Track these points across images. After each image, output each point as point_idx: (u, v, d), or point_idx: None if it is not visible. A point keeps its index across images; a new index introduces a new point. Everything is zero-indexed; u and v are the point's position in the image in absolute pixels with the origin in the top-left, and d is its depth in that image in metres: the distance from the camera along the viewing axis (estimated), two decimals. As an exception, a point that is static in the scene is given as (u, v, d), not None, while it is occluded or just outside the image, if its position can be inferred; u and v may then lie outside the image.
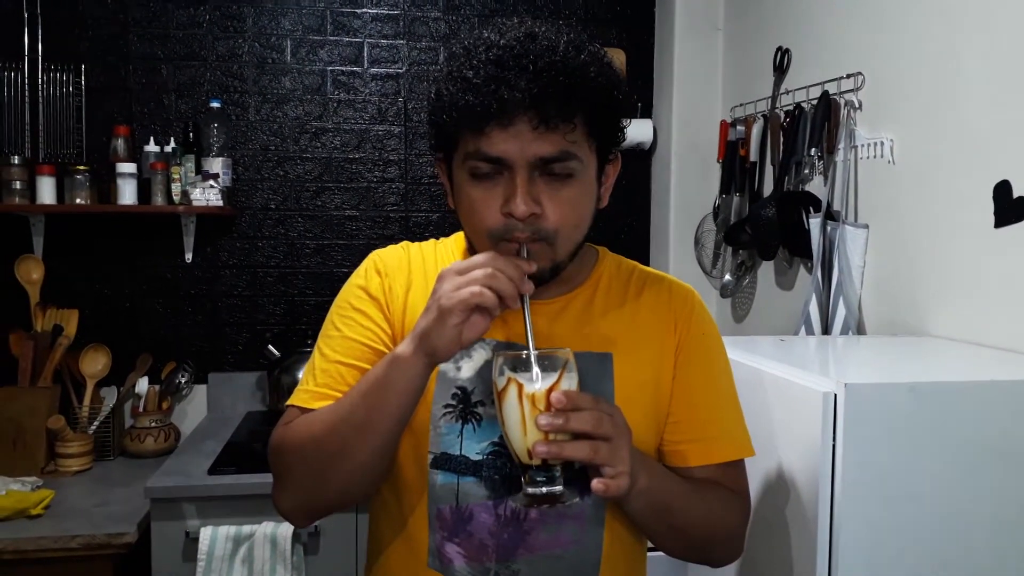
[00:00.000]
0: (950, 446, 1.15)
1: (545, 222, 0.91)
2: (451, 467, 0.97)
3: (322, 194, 2.65)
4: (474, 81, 0.88)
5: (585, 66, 0.89)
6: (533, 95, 0.86)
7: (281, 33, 2.59)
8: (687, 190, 2.63)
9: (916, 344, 1.56)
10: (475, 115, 0.88)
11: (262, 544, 1.94)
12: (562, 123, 0.88)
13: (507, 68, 0.87)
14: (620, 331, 1.03)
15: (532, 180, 0.90)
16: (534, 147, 0.88)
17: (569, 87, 0.87)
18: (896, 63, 1.75)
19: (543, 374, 0.84)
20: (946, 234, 1.60)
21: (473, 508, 0.97)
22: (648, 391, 1.02)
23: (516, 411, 0.83)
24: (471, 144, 0.90)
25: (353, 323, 1.02)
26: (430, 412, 0.98)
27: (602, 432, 0.81)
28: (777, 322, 2.24)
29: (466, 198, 0.94)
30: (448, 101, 0.91)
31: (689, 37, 2.62)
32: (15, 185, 2.35)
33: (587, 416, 0.81)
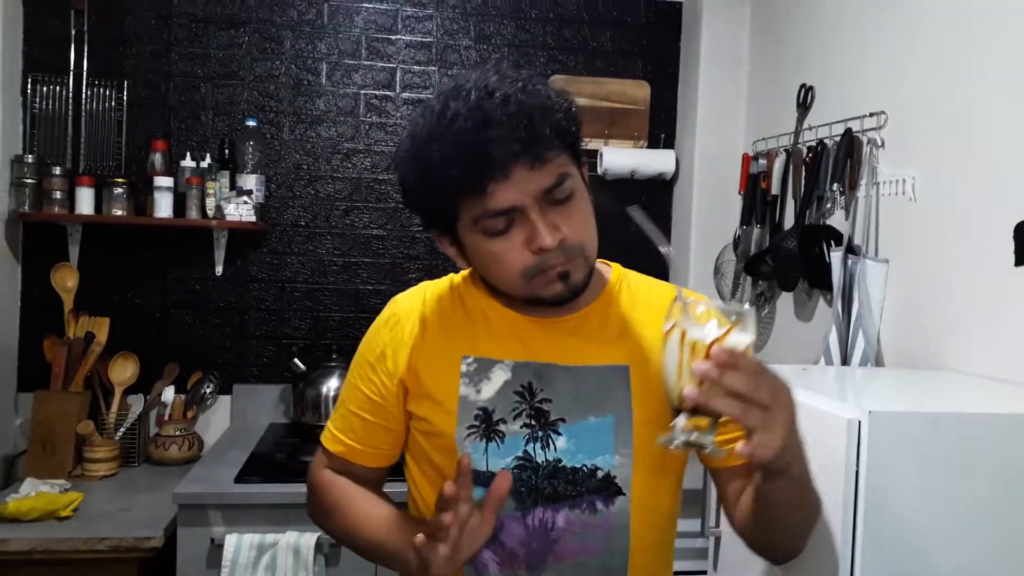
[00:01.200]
0: (971, 475, 1.18)
1: (570, 241, 0.97)
2: (480, 482, 1.01)
3: (351, 213, 2.72)
4: (459, 156, 0.91)
5: (541, 96, 0.95)
6: (522, 141, 0.91)
7: (317, 56, 2.67)
8: (708, 220, 2.68)
9: (936, 377, 1.59)
10: (474, 180, 0.92)
11: (285, 553, 1.98)
12: (549, 154, 0.94)
13: (486, 129, 0.90)
14: (637, 344, 1.07)
15: (544, 212, 0.95)
16: (536, 183, 0.94)
17: (545, 119, 0.93)
18: (919, 102, 1.80)
19: (710, 325, 0.82)
20: (966, 271, 1.64)
21: (503, 519, 1.01)
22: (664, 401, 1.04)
23: (675, 354, 0.83)
24: (475, 208, 0.94)
25: (364, 376, 1.12)
26: (454, 435, 1.03)
27: (757, 397, 0.79)
28: (796, 352, 2.27)
29: (487, 254, 0.99)
30: (437, 180, 0.94)
31: (713, 71, 2.68)
32: (55, 195, 2.42)
33: (741, 377, 0.79)
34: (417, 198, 1.00)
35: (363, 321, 2.70)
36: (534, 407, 1.04)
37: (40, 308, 2.51)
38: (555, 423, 1.03)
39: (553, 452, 1.03)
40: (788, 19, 2.42)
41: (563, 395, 1.04)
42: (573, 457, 1.03)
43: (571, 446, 1.03)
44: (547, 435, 1.03)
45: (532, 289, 1.00)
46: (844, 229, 1.98)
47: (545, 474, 1.02)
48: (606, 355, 1.06)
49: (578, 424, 1.03)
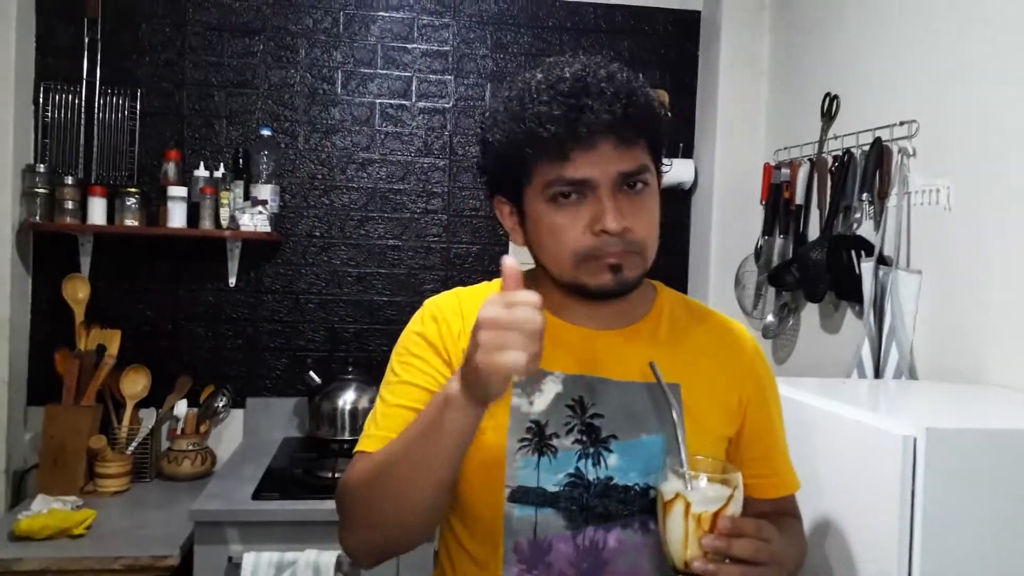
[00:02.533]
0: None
1: (634, 235, 0.96)
2: (529, 500, 0.98)
3: (366, 223, 2.68)
4: (552, 112, 0.92)
5: (643, 89, 0.97)
6: (613, 116, 0.92)
7: (333, 65, 2.64)
8: (728, 231, 2.65)
9: (979, 391, 1.56)
10: (559, 143, 0.92)
11: (304, 571, 1.93)
12: (637, 139, 0.95)
13: (584, 96, 0.92)
14: (688, 362, 1.06)
15: (616, 198, 0.95)
16: (616, 164, 0.94)
17: (637, 108, 0.94)
18: (952, 110, 1.77)
19: (712, 497, 0.88)
20: (1004, 281, 1.60)
21: (552, 540, 0.98)
22: (716, 421, 1.06)
23: (680, 526, 0.88)
24: (551, 172, 0.94)
25: (412, 368, 1.04)
26: (505, 447, 0.99)
27: (759, 559, 0.87)
28: (822, 364, 2.24)
29: (547, 225, 0.98)
30: (524, 136, 0.94)
31: (733, 80, 2.65)
32: (67, 205, 2.38)
33: (748, 545, 0.86)
34: (495, 156, 1.00)
35: (378, 333, 2.66)
36: (585, 422, 1.00)
37: (50, 320, 2.47)
38: (607, 440, 1.00)
39: (604, 470, 0.99)
40: (811, 28, 2.40)
41: (614, 411, 1.01)
42: (625, 475, 0.99)
43: (623, 464, 0.99)
44: (599, 452, 0.99)
45: (578, 274, 0.98)
46: (873, 239, 1.95)
47: (596, 492, 0.99)
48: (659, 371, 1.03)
49: (631, 441, 1.00)
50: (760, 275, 2.49)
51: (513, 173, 0.99)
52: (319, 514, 1.98)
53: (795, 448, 1.39)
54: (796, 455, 1.15)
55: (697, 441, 1.01)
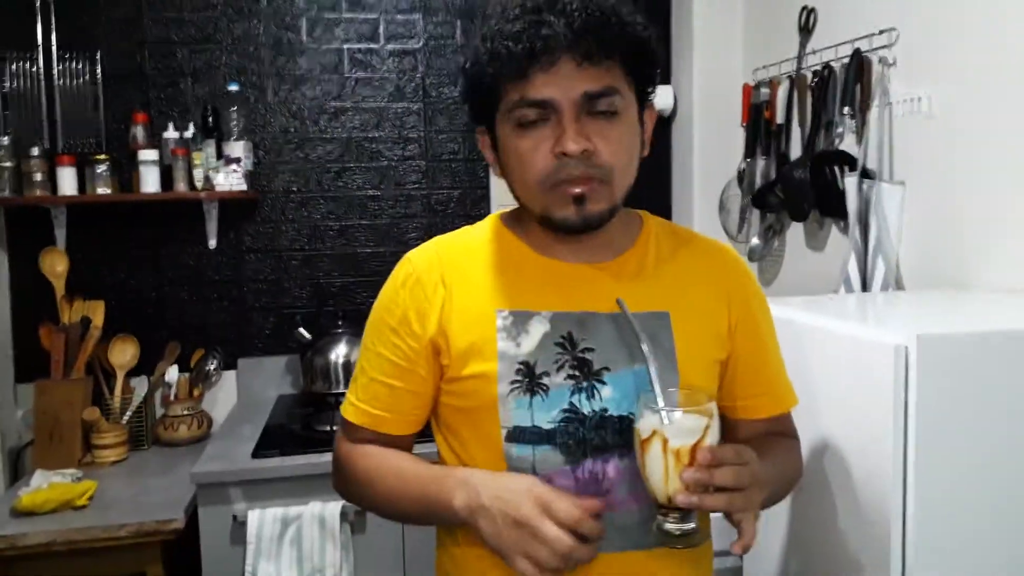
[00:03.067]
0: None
1: (598, 159, 0.93)
2: (525, 439, 0.98)
3: (343, 175, 2.64)
4: (512, 30, 0.89)
5: (617, 6, 0.92)
6: (574, 30, 0.88)
7: (296, 12, 2.56)
8: (710, 155, 2.62)
9: (966, 296, 1.56)
10: (517, 61, 0.89)
11: (310, 524, 1.95)
12: (604, 58, 0.91)
13: (544, 11, 0.89)
14: (675, 289, 1.05)
15: (580, 120, 0.92)
16: (579, 84, 0.90)
17: (607, 23, 0.90)
18: (932, 16, 1.73)
19: (688, 430, 0.87)
20: (988, 187, 1.59)
21: (552, 475, 0.98)
22: (707, 346, 1.05)
23: (660, 462, 0.87)
24: (514, 93, 0.92)
25: (385, 340, 1.05)
26: (497, 390, 0.98)
27: (740, 484, 0.86)
28: (809, 283, 2.23)
29: (514, 151, 0.96)
30: (487, 56, 0.92)
31: (707, 1, 2.59)
32: (36, 177, 2.32)
33: (729, 472, 0.85)
34: (468, 80, 0.98)
35: (364, 285, 2.64)
36: (576, 357, 0.99)
37: (31, 295, 2.43)
38: (599, 372, 0.99)
39: (599, 402, 0.98)
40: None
41: (606, 343, 1.00)
42: (619, 406, 0.99)
43: (617, 395, 0.99)
44: (592, 385, 0.99)
45: (546, 204, 0.96)
46: (856, 153, 1.93)
47: (592, 425, 0.98)
48: (646, 301, 1.02)
49: (623, 372, 0.99)
50: (744, 198, 2.47)
51: (484, 97, 0.97)
52: (320, 467, 1.98)
53: (788, 366, 1.39)
54: (790, 373, 1.14)
55: (690, 367, 1.01)
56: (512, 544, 0.88)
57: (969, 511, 1.14)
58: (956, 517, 1.14)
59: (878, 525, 1.17)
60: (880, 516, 1.17)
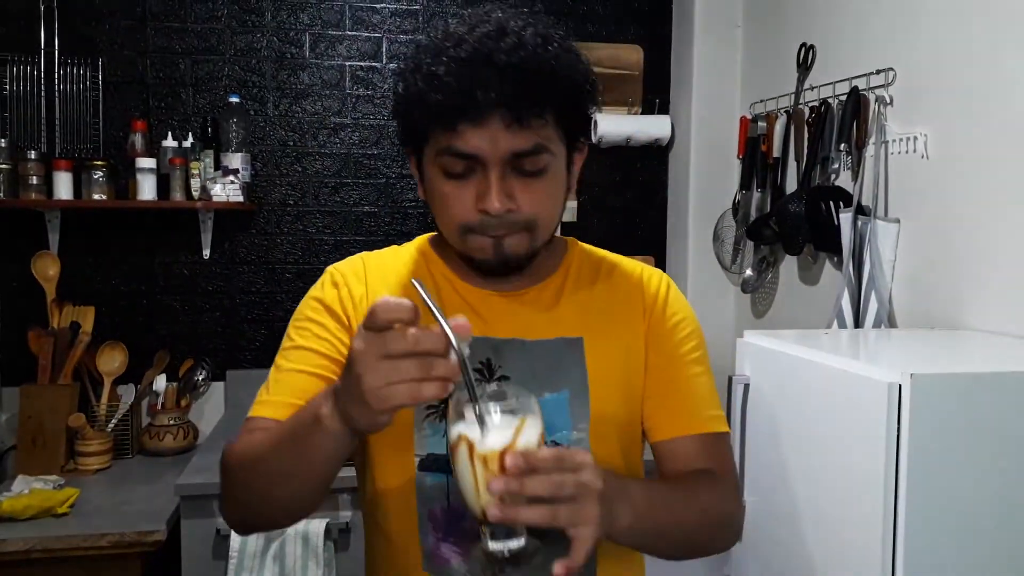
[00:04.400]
0: (1017, 437, 1.15)
1: (519, 214, 0.92)
2: (439, 467, 0.96)
3: (341, 190, 2.64)
4: (445, 79, 0.86)
5: (556, 60, 0.89)
6: (506, 94, 0.85)
7: (300, 28, 2.58)
8: (706, 186, 2.64)
9: (959, 337, 1.57)
10: (447, 113, 0.87)
11: (294, 541, 1.93)
12: (534, 119, 0.88)
13: (478, 66, 0.86)
14: (590, 315, 1.03)
15: (505, 176, 0.90)
16: (507, 143, 0.88)
17: (540, 84, 0.87)
18: (929, 57, 1.76)
19: (498, 428, 0.74)
20: (983, 227, 1.61)
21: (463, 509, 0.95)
22: (619, 372, 1.02)
23: (468, 471, 0.74)
24: (442, 140, 0.90)
25: (308, 333, 1.00)
26: (412, 418, 0.96)
27: (563, 495, 0.73)
28: (802, 316, 2.25)
29: (438, 194, 0.94)
30: (417, 97, 0.89)
31: (708, 34, 2.62)
32: (32, 180, 2.32)
33: (544, 481, 0.72)
34: (398, 109, 0.95)
35: (357, 301, 2.63)
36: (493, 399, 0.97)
37: (21, 299, 2.42)
38: None
39: None
40: (784, -23, 2.37)
41: (521, 371, 0.97)
42: None
43: None
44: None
45: (466, 247, 0.95)
46: (851, 190, 1.95)
47: None
48: (560, 327, 1.01)
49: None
50: (738, 229, 2.49)
51: (411, 129, 0.95)
52: (306, 483, 1.97)
53: (779, 400, 1.39)
54: (780, 407, 1.14)
55: (603, 393, 0.98)
56: (373, 387, 0.71)
57: (960, 549, 1.15)
58: (946, 555, 1.14)
59: (868, 562, 1.17)
60: (870, 552, 1.17)
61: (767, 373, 1.48)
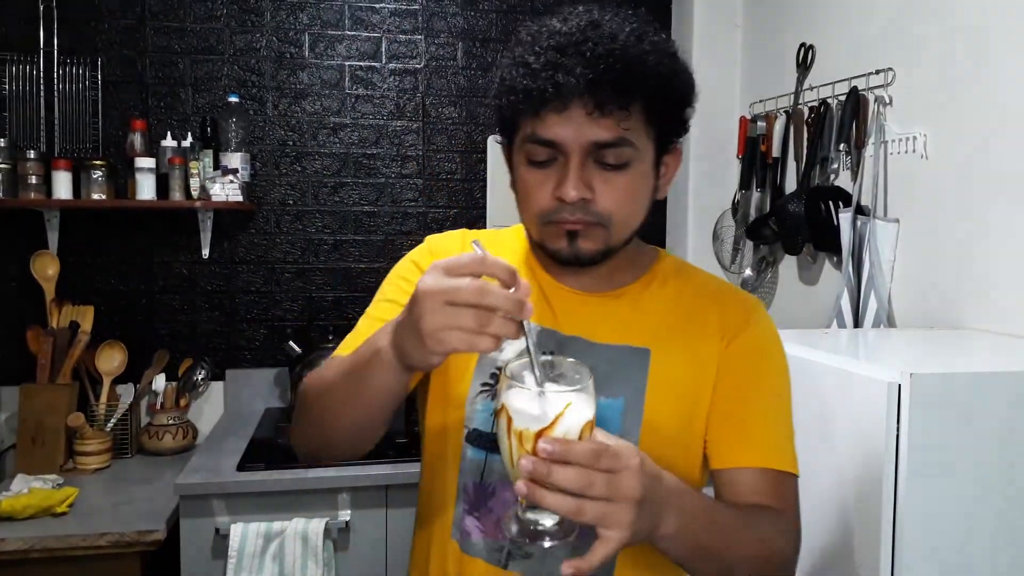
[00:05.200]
0: (1017, 436, 1.16)
1: (596, 206, 0.92)
2: (482, 444, 0.99)
3: (340, 190, 2.64)
4: (533, 66, 0.89)
5: (644, 55, 0.89)
6: (588, 80, 0.86)
7: (299, 27, 2.58)
8: (705, 186, 2.64)
9: (958, 336, 1.57)
10: (532, 99, 0.89)
11: (293, 540, 1.93)
12: (617, 110, 0.88)
13: (565, 54, 0.88)
14: (663, 328, 1.02)
15: (585, 166, 0.91)
16: (588, 132, 0.89)
17: (625, 74, 0.87)
18: (928, 58, 1.76)
19: (540, 406, 0.72)
20: (983, 227, 1.61)
21: (496, 485, 0.98)
22: (682, 389, 0.99)
23: (505, 439, 0.74)
24: (528, 127, 0.92)
25: (398, 289, 1.07)
26: (468, 390, 1.00)
27: (592, 494, 0.71)
28: (801, 316, 2.25)
29: (521, 181, 0.97)
30: (508, 85, 0.93)
31: (707, 34, 2.63)
32: (31, 180, 2.31)
33: (574, 474, 0.70)
34: (495, 97, 0.98)
35: (357, 300, 2.64)
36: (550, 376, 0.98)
37: (20, 298, 2.42)
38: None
39: None
40: (784, -23, 2.37)
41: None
42: None
43: None
44: None
45: (543, 235, 0.97)
46: (851, 190, 1.95)
47: None
48: (629, 335, 1.00)
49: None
50: (738, 229, 2.50)
51: (504, 119, 0.97)
52: (306, 483, 1.97)
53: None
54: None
55: (658, 409, 0.96)
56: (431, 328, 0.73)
57: (959, 549, 1.15)
58: (946, 555, 1.14)
59: (868, 561, 1.17)
60: (870, 552, 1.17)
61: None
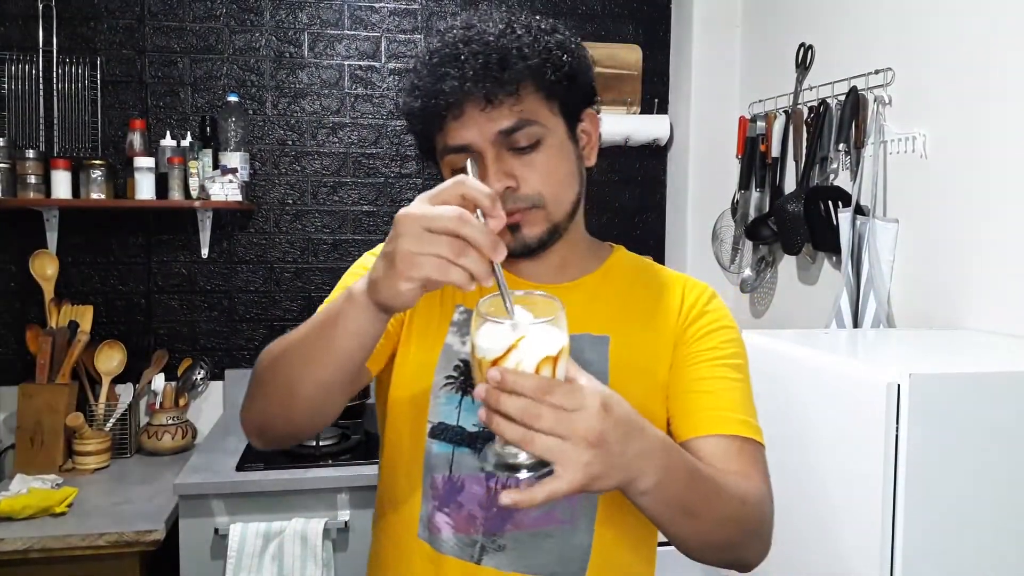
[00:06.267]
0: (1016, 437, 1.16)
1: (523, 190, 0.94)
2: (447, 437, 0.98)
3: (339, 189, 2.64)
4: (421, 87, 0.94)
5: (517, 39, 0.93)
6: (470, 79, 0.90)
7: (298, 27, 2.58)
8: (704, 186, 2.64)
9: (957, 337, 1.57)
10: (428, 115, 0.94)
11: (292, 540, 1.93)
12: (506, 96, 0.91)
13: (445, 65, 0.92)
14: (621, 316, 1.04)
15: (500, 157, 0.94)
16: (489, 125, 0.92)
17: (502, 62, 0.91)
18: (928, 57, 1.76)
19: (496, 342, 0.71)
20: (982, 227, 1.61)
21: (465, 479, 0.98)
22: (643, 372, 1.01)
23: (475, 369, 0.73)
24: (440, 142, 0.96)
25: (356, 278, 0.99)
26: (431, 383, 1.00)
27: (539, 427, 0.68)
28: (801, 316, 2.25)
29: None
30: (407, 111, 0.98)
31: (706, 33, 2.62)
32: (30, 179, 2.31)
33: (517, 404, 0.68)
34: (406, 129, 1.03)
35: (356, 300, 2.63)
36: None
37: (19, 298, 2.42)
38: None
39: None
40: (783, -23, 2.37)
41: None
42: None
43: None
44: None
45: None
46: (850, 190, 1.95)
47: None
48: (588, 324, 1.01)
49: None
50: (737, 229, 2.49)
51: (421, 139, 1.01)
52: (305, 483, 1.97)
53: (777, 399, 1.39)
54: (778, 406, 1.15)
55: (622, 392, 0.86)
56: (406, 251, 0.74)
57: (958, 549, 1.15)
58: (945, 555, 1.14)
59: (867, 561, 1.17)
60: (869, 552, 1.17)
61: (765, 373, 1.47)
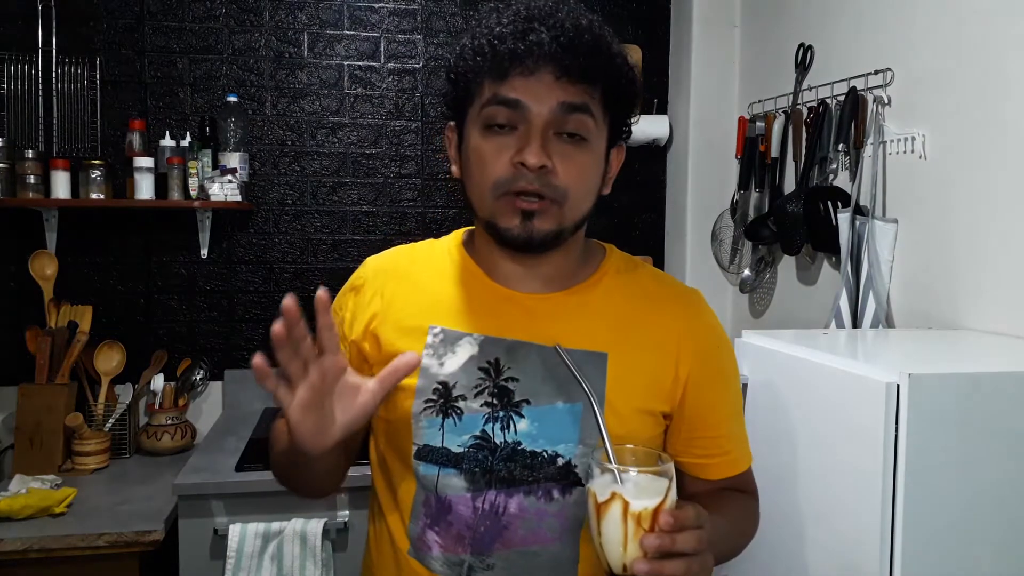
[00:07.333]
0: (1015, 437, 1.15)
1: (555, 179, 0.92)
2: (433, 459, 0.98)
3: (339, 190, 2.64)
4: (501, 31, 0.91)
5: (608, 36, 0.94)
6: (560, 44, 0.88)
7: (298, 27, 2.58)
8: (704, 186, 2.64)
9: (957, 337, 1.57)
10: (499, 59, 0.90)
11: (291, 541, 1.93)
12: (583, 79, 0.90)
13: (535, 21, 0.90)
14: (619, 331, 1.00)
15: (546, 136, 0.91)
16: (555, 94, 0.90)
17: (593, 48, 0.91)
18: (927, 58, 1.76)
19: (648, 491, 0.80)
20: (981, 228, 1.61)
21: (452, 499, 0.97)
22: (641, 392, 0.99)
23: (619, 528, 0.79)
24: (489, 91, 0.92)
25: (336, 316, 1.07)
26: (411, 408, 0.98)
27: (700, 549, 0.79)
28: (800, 316, 2.25)
29: (476, 151, 0.94)
30: (472, 51, 0.93)
31: (706, 33, 2.62)
32: (29, 179, 2.31)
33: (691, 537, 0.78)
34: (449, 74, 0.98)
35: (356, 300, 2.63)
36: (499, 385, 0.97)
37: (18, 298, 2.42)
38: (519, 404, 0.96)
39: (513, 434, 0.96)
40: (783, -23, 2.37)
41: (532, 375, 0.97)
42: (534, 441, 0.96)
43: (533, 430, 0.96)
44: (509, 416, 0.96)
45: (494, 211, 0.94)
46: (849, 190, 1.95)
47: (502, 456, 0.96)
48: (585, 339, 0.98)
49: (545, 407, 0.96)
50: (736, 229, 2.49)
51: (460, 90, 0.97)
52: (304, 483, 1.97)
53: (777, 400, 1.39)
54: (778, 406, 1.15)
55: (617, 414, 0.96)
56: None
57: (957, 549, 1.15)
58: (944, 555, 1.14)
59: (867, 561, 1.17)
60: (869, 552, 1.17)
61: (765, 373, 1.48)
